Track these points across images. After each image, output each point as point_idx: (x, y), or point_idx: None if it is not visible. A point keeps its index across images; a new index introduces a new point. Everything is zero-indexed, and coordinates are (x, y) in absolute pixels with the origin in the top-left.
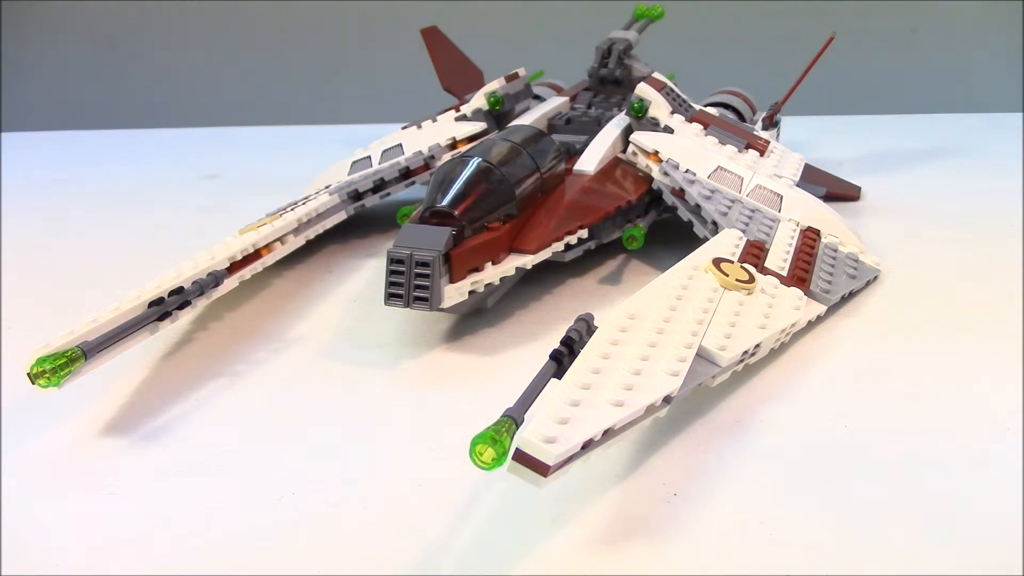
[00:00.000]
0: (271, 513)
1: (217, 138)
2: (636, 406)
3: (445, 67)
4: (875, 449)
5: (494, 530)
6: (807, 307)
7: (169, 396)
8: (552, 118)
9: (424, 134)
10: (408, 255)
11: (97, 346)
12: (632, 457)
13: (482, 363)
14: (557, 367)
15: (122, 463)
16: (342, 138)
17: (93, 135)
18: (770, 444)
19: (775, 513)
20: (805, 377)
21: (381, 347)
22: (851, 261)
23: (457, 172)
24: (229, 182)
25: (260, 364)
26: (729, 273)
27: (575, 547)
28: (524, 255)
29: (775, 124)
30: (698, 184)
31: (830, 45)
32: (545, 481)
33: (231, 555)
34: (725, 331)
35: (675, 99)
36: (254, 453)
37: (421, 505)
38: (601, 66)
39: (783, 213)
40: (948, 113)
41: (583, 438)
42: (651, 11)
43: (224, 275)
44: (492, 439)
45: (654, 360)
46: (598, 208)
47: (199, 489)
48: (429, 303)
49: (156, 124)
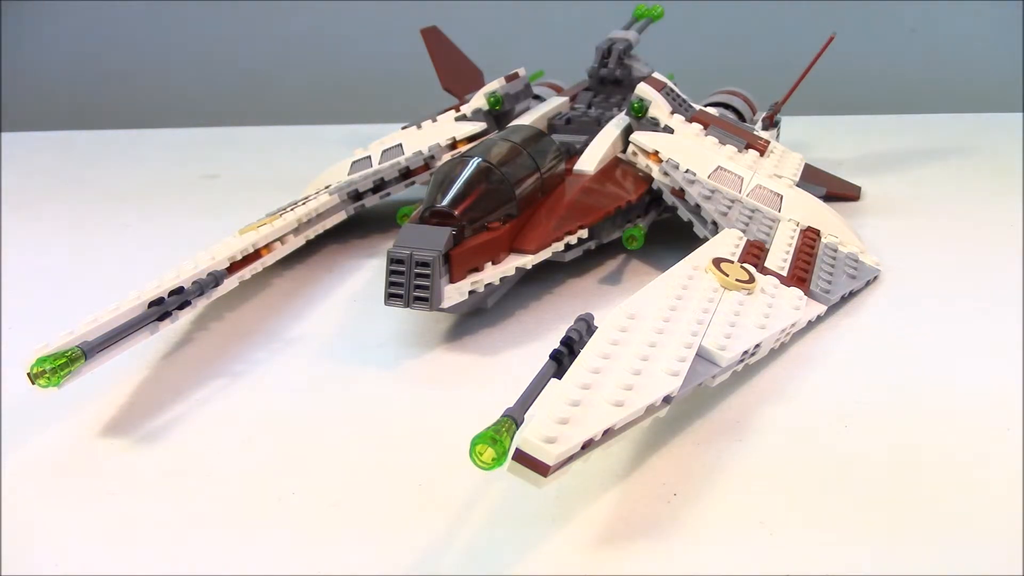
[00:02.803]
0: (271, 513)
1: (217, 138)
2: (636, 406)
3: (445, 67)
4: (875, 449)
5: (494, 530)
6: (807, 307)
7: (169, 396)
8: (552, 118)
9: (424, 134)
10: (408, 255)
11: (97, 346)
12: (632, 457)
13: (482, 363)
14: (557, 367)
15: (122, 463)
16: (342, 138)
17: (93, 135)
18: (770, 444)
19: (775, 513)
20: (805, 377)
21: (381, 347)
22: (851, 261)
23: (457, 172)
24: (229, 182)
25: (260, 364)
26: (729, 273)
27: (575, 547)
28: (524, 255)
29: (775, 124)
30: (698, 184)
31: (830, 45)
32: (545, 481)
33: (231, 555)
34: (725, 331)
35: (675, 99)
36: (254, 453)
37: (421, 505)
38: (601, 66)
39: (783, 213)
40: (948, 113)
41: (583, 438)
42: (651, 11)
43: (224, 275)
44: (492, 439)
45: (654, 360)
46: (598, 208)
47: (199, 489)
48: (429, 303)
49: (156, 124)
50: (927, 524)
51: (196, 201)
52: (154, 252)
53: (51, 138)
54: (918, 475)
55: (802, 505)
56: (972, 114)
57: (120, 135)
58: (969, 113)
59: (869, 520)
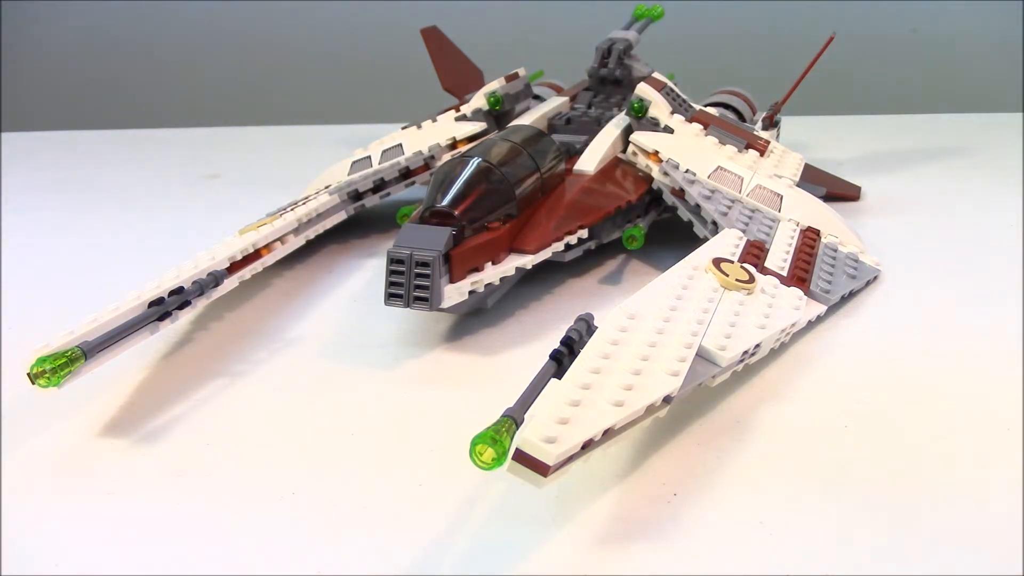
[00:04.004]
0: (271, 513)
1: (217, 138)
2: (636, 406)
3: (445, 67)
4: (875, 449)
5: (494, 530)
6: (807, 307)
7: (169, 396)
8: (552, 118)
9: (424, 134)
10: (408, 255)
11: (97, 346)
12: (632, 457)
13: (482, 363)
14: (557, 367)
15: (122, 463)
16: (342, 138)
17: (93, 135)
18: (770, 444)
19: (775, 513)
20: (805, 377)
21: (381, 347)
22: (851, 261)
23: (457, 172)
24: (229, 182)
25: (260, 364)
26: (729, 273)
27: (575, 547)
28: (524, 255)
29: (775, 124)
30: (698, 184)
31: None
32: (545, 481)
33: (231, 555)
34: (725, 331)
35: (675, 99)
36: (254, 453)
37: (421, 505)
38: (601, 66)
39: (783, 213)
40: (948, 113)
41: (583, 438)
42: (651, 11)
43: (224, 275)
44: (492, 439)
45: (654, 360)
46: (598, 208)
47: (199, 489)
48: (429, 303)
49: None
50: (927, 524)
51: (196, 201)
52: (154, 252)
53: (51, 138)
54: (918, 475)
55: (802, 505)
56: (972, 114)
57: (120, 135)
58: (969, 113)
59: (869, 520)
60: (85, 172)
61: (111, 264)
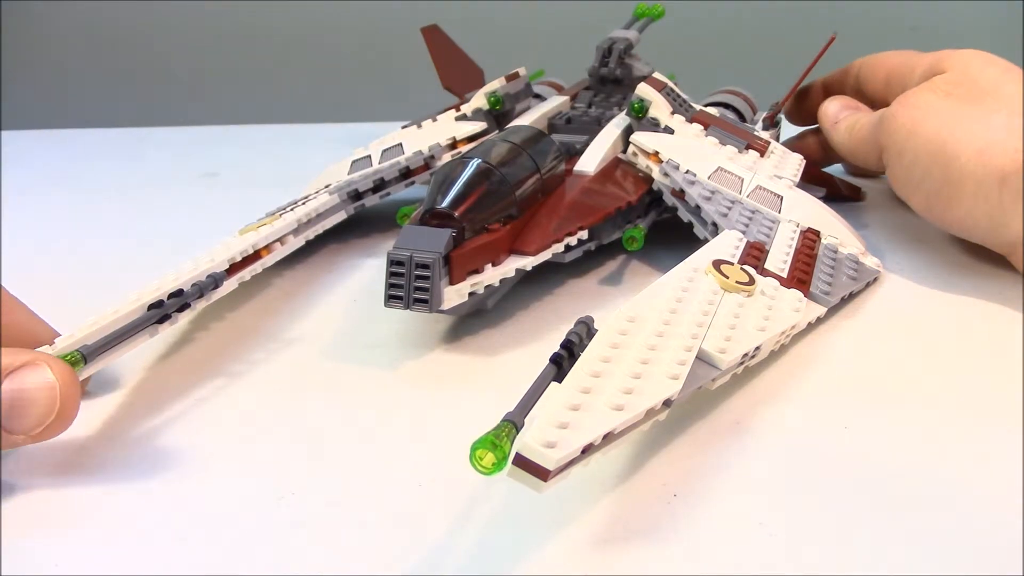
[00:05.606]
0: (271, 513)
1: (217, 137)
2: (636, 410)
3: (445, 66)
4: (875, 450)
5: (494, 530)
6: (807, 309)
7: (169, 396)
8: (552, 118)
9: (424, 134)
10: (408, 257)
11: (97, 349)
12: (632, 458)
13: (482, 364)
14: (557, 371)
15: (122, 463)
16: (342, 138)
17: (93, 134)
18: (770, 445)
19: (775, 513)
20: (805, 379)
21: (381, 347)
22: (851, 262)
23: (457, 173)
24: (229, 181)
25: (260, 364)
26: (729, 275)
27: (575, 548)
28: (524, 256)
29: (775, 124)
30: (698, 185)
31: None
32: (545, 486)
33: (231, 555)
34: (725, 333)
35: (675, 99)
36: (254, 453)
37: (421, 506)
38: (601, 65)
39: (783, 214)
40: None
41: (583, 443)
42: (651, 10)
43: (224, 277)
44: (492, 444)
45: (654, 363)
46: (598, 209)
47: (199, 489)
48: (429, 305)
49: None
50: (927, 524)
51: (196, 199)
52: (154, 251)
53: (51, 137)
54: (918, 475)
55: (802, 505)
56: None
57: (120, 134)
58: None
59: (869, 521)
60: (85, 171)
61: (111, 263)
